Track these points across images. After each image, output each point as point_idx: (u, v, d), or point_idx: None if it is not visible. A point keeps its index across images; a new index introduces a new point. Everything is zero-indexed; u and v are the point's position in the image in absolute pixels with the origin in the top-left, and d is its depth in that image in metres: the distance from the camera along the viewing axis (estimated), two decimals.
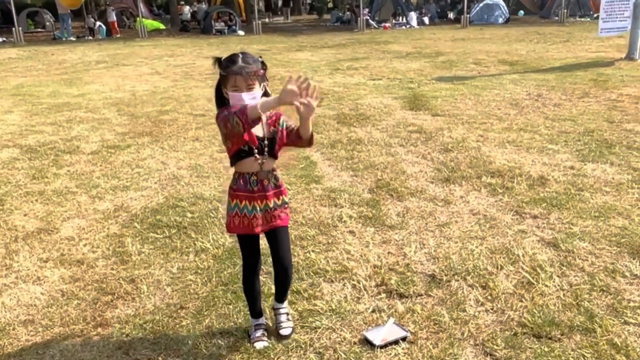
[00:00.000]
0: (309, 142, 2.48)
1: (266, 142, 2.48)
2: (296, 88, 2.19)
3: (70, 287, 3.26)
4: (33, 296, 3.17)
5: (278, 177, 2.58)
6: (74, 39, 22.86)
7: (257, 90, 2.39)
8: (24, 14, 26.97)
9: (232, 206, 2.54)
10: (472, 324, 2.79)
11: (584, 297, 2.97)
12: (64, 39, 22.78)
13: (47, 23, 27.89)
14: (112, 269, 3.47)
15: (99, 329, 2.85)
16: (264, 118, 2.46)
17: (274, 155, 2.52)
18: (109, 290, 3.20)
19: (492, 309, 2.91)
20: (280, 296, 2.81)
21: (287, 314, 2.83)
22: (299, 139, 2.48)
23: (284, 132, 2.52)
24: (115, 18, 24.57)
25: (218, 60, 2.42)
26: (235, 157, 2.49)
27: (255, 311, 2.78)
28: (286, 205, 2.61)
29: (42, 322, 2.92)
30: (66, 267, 3.50)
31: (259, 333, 2.73)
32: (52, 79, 11.58)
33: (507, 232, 3.80)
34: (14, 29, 21.52)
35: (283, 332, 2.75)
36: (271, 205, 2.54)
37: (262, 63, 2.42)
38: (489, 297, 3.01)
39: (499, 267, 3.32)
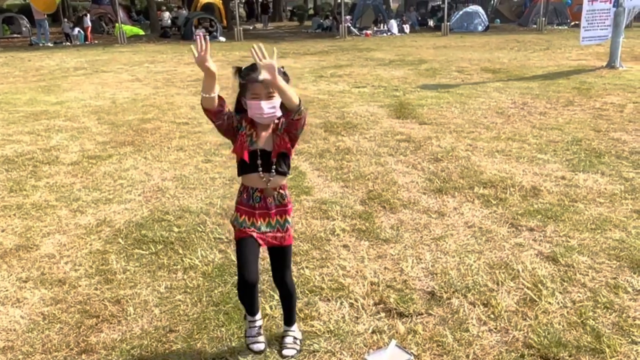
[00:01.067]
0: (295, 110, 2.26)
1: (274, 159, 2.34)
2: (201, 54, 2.22)
3: (51, 309, 3.08)
4: (12, 320, 2.99)
5: (285, 196, 2.45)
6: (51, 45, 22.41)
7: (277, 99, 2.29)
8: (0, 20, 26.41)
9: (233, 218, 2.46)
10: (476, 345, 2.69)
11: (588, 314, 2.89)
12: (41, 45, 22.32)
13: (24, 28, 27.33)
14: (96, 288, 3.30)
15: (84, 356, 2.68)
16: (269, 129, 2.35)
17: (283, 173, 2.39)
18: (93, 313, 3.03)
19: (495, 329, 2.82)
20: (287, 319, 2.71)
21: (295, 337, 2.70)
22: (289, 113, 2.29)
23: (284, 137, 2.35)
24: (90, 24, 24.14)
25: (238, 70, 2.34)
26: (240, 169, 2.39)
27: (250, 310, 2.60)
28: (289, 226, 2.48)
29: (22, 348, 2.74)
30: (47, 287, 3.32)
31: (254, 332, 2.59)
32: (29, 86, 11.28)
33: (504, 245, 3.73)
34: None
35: (285, 352, 2.64)
36: (273, 223, 2.43)
37: (284, 74, 2.31)
38: (492, 316, 2.92)
39: (499, 283, 3.24)
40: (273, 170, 2.35)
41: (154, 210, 4.47)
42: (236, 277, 3.15)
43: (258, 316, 2.64)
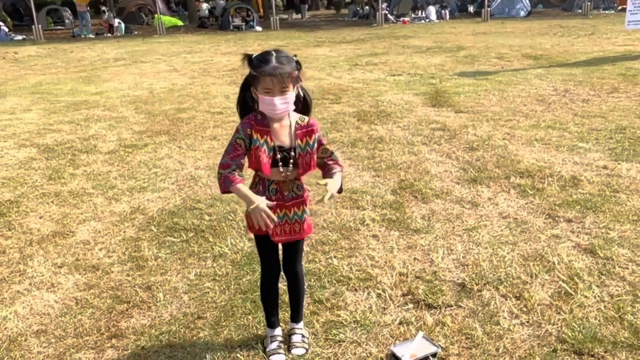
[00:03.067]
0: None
1: (292, 153, 2.29)
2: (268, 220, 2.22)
3: (84, 294, 3.15)
4: (47, 304, 3.07)
5: (301, 186, 2.40)
6: (92, 36, 22.95)
7: (291, 93, 2.20)
8: (44, 12, 27.17)
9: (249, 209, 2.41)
10: (507, 338, 2.61)
11: (626, 309, 2.77)
12: (82, 36, 22.87)
13: (67, 20, 28.09)
14: (128, 275, 3.36)
15: (114, 340, 2.73)
16: (292, 127, 2.30)
17: (302, 168, 2.33)
18: (124, 299, 3.08)
19: (527, 322, 2.73)
20: (295, 314, 2.66)
21: (303, 335, 2.65)
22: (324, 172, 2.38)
23: (314, 155, 2.32)
24: (113, 21, 24.50)
25: (248, 58, 2.19)
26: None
27: (270, 320, 2.64)
28: (305, 218, 2.43)
29: (55, 332, 2.81)
30: (81, 272, 3.40)
31: (274, 345, 2.58)
32: (71, 77, 11.58)
33: (539, 237, 3.61)
34: (33, 26, 21.67)
35: (295, 351, 2.58)
36: (291, 215, 2.38)
37: (297, 62, 2.21)
38: (524, 309, 2.83)
39: (533, 275, 3.13)
40: (291, 165, 2.29)
41: (186, 199, 4.51)
42: None
43: (278, 330, 2.64)
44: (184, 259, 3.53)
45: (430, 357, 2.49)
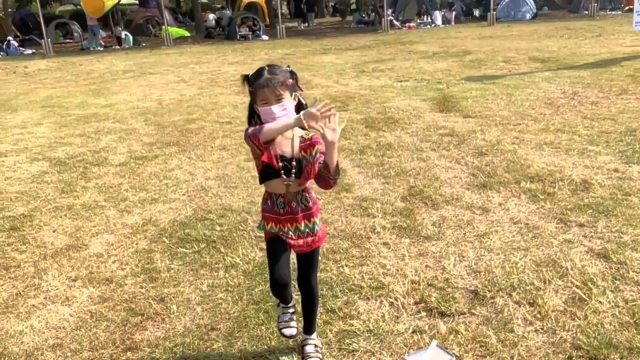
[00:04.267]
0: (334, 173, 2.20)
1: (294, 163, 2.29)
2: (318, 112, 2.06)
3: (99, 307, 3.17)
4: (62, 318, 3.10)
5: (309, 198, 2.39)
6: (101, 49, 23.16)
7: (288, 101, 2.24)
8: (53, 26, 27.47)
9: (261, 226, 2.46)
10: (521, 346, 2.60)
11: None
12: (91, 49, 23.09)
13: (75, 34, 28.38)
14: (141, 287, 3.38)
15: (129, 353, 2.75)
16: (297, 140, 2.31)
17: (303, 177, 2.32)
18: (138, 311, 3.11)
19: (542, 329, 2.72)
20: (308, 326, 2.65)
21: (316, 345, 2.64)
22: (325, 168, 2.23)
23: (315, 165, 2.29)
24: (103, 34, 24.81)
25: (246, 78, 2.29)
26: (263, 176, 2.35)
27: (286, 300, 2.63)
28: (317, 229, 2.42)
29: (70, 346, 2.84)
30: (95, 285, 3.43)
31: (286, 317, 2.61)
32: (81, 90, 11.70)
33: (552, 242, 3.59)
34: (43, 40, 21.93)
35: None
36: (302, 228, 2.38)
37: (291, 72, 2.28)
38: (538, 316, 2.82)
39: (547, 281, 3.12)
40: (293, 175, 2.29)
41: (197, 210, 4.54)
42: None
43: (291, 303, 2.66)
44: (196, 270, 3.55)
45: None
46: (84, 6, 23.22)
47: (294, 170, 2.30)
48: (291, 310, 2.66)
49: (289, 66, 2.30)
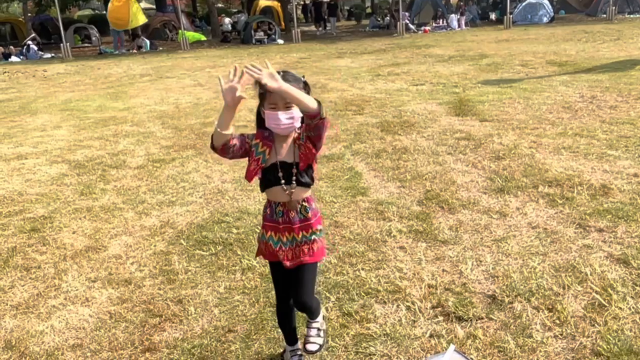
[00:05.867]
0: (314, 113, 2.12)
1: (295, 169, 2.25)
2: (232, 83, 2.10)
3: (118, 308, 3.21)
4: (82, 318, 3.14)
5: (309, 209, 2.31)
6: (124, 51, 23.37)
7: (296, 110, 2.19)
8: (71, 30, 27.87)
9: (260, 235, 2.40)
10: (540, 351, 2.58)
11: None
12: (116, 53, 23.23)
13: (94, 38, 28.76)
14: (160, 288, 3.42)
15: (147, 354, 2.78)
16: (289, 140, 2.26)
17: (306, 184, 2.28)
18: (157, 312, 3.14)
19: (561, 335, 2.69)
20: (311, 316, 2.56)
21: (319, 329, 2.46)
22: (308, 119, 2.16)
23: (307, 139, 2.23)
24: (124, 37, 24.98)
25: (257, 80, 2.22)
26: (263, 184, 2.31)
27: (289, 339, 2.61)
28: (315, 239, 2.33)
29: (90, 346, 2.87)
30: (114, 287, 3.47)
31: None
32: (99, 93, 11.85)
33: (570, 247, 3.56)
34: (62, 44, 22.25)
35: (309, 347, 2.40)
36: (299, 238, 2.31)
37: (305, 83, 2.23)
38: (557, 321, 2.79)
39: (566, 286, 3.09)
40: (294, 182, 2.25)
41: (214, 212, 4.57)
42: None
43: (298, 345, 2.62)
44: (214, 272, 3.58)
45: None
46: (110, 17, 23.42)
47: (294, 178, 2.24)
48: (299, 352, 2.59)
49: (303, 76, 2.26)
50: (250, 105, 9.21)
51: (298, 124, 2.23)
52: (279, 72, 2.17)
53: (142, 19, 23.53)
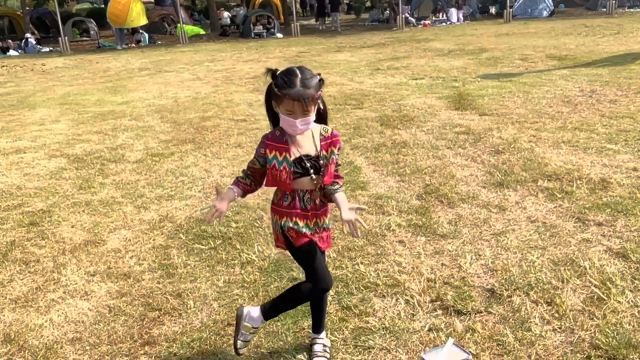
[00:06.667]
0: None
1: (321, 161, 2.31)
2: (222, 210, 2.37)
3: (117, 302, 3.21)
4: (81, 312, 3.14)
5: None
6: (125, 47, 23.23)
7: (312, 116, 2.23)
8: (70, 24, 27.76)
9: (282, 223, 2.39)
10: (539, 345, 2.58)
11: None
12: (118, 48, 22.99)
13: (92, 32, 28.65)
14: (159, 282, 3.41)
15: (146, 348, 2.78)
16: (317, 137, 2.32)
17: (325, 176, 2.35)
18: (156, 306, 3.14)
19: (560, 328, 2.69)
20: (317, 325, 2.66)
21: (324, 345, 2.64)
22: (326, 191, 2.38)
23: (332, 166, 2.36)
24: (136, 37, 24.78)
25: (273, 74, 2.22)
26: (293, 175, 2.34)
27: (273, 313, 2.54)
28: (329, 228, 2.49)
29: (89, 340, 2.87)
30: (113, 280, 3.47)
31: (249, 337, 2.52)
32: (97, 87, 11.81)
33: (570, 241, 3.56)
34: (60, 38, 22.17)
35: None
36: (320, 223, 2.42)
37: (320, 80, 2.22)
38: (556, 315, 2.79)
39: (565, 280, 3.10)
40: (322, 173, 2.31)
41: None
42: (291, 273, 3.21)
43: (324, 334, 2.66)
44: (213, 266, 3.57)
45: None
46: (109, 14, 23.15)
47: (322, 169, 2.31)
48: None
49: (319, 74, 2.24)
50: (249, 100, 9.21)
51: (313, 125, 2.29)
52: (295, 72, 2.18)
53: (143, 20, 23.33)
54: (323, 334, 2.68)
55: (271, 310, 2.49)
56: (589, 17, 22.34)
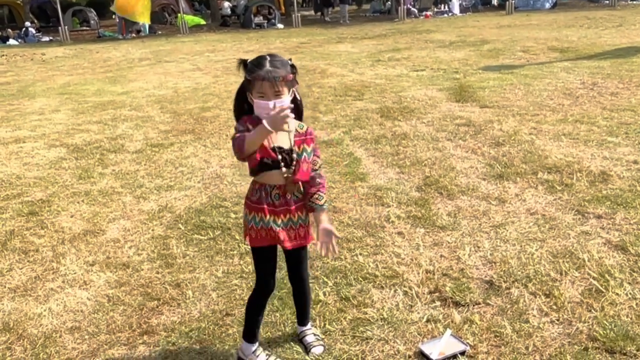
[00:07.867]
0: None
1: (294, 155, 2.26)
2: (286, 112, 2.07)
3: (116, 291, 3.21)
4: (79, 301, 3.14)
5: (301, 190, 2.37)
6: (121, 38, 23.15)
7: (286, 97, 2.18)
8: (70, 13, 27.64)
9: (250, 218, 2.35)
10: (536, 336, 2.59)
11: None
12: (120, 38, 22.83)
13: (92, 21, 28.52)
14: (158, 272, 3.42)
15: (145, 337, 2.78)
16: (292, 132, 2.28)
17: (297, 175, 2.29)
18: (155, 296, 3.14)
19: (558, 320, 2.70)
20: (302, 319, 2.68)
21: (315, 334, 2.66)
22: (309, 191, 2.37)
23: (306, 165, 2.31)
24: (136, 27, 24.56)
25: (243, 63, 2.21)
26: (259, 169, 2.26)
27: (254, 333, 2.53)
28: (308, 222, 2.42)
29: (88, 329, 2.88)
30: (112, 270, 3.47)
31: (263, 357, 2.53)
32: (97, 77, 11.78)
33: (569, 233, 3.56)
34: (60, 28, 22.07)
35: (316, 350, 2.58)
36: (295, 219, 2.35)
37: (292, 66, 2.21)
38: (554, 307, 2.80)
39: (563, 272, 3.10)
40: (293, 166, 2.26)
41: (212, 197, 4.56)
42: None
43: (257, 344, 2.56)
44: (212, 256, 3.58)
45: (459, 355, 2.48)
46: (117, 1, 22.82)
47: (294, 162, 2.26)
48: (265, 350, 2.58)
49: (290, 59, 2.23)
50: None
51: (288, 112, 2.15)
52: (265, 56, 2.18)
53: (146, 19, 23.06)
54: (309, 324, 2.69)
55: (245, 330, 2.55)
56: (591, 9, 22.23)
